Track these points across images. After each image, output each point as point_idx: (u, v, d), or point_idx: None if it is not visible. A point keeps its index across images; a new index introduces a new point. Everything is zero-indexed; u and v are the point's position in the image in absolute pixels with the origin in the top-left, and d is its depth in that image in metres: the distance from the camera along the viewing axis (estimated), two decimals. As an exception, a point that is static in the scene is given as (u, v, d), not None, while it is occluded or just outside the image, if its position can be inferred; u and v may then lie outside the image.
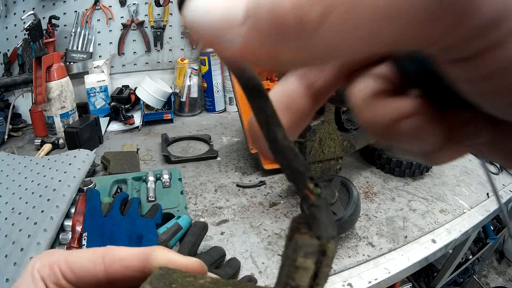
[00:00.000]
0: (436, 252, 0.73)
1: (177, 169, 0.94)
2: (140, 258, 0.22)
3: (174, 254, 0.22)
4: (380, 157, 0.98)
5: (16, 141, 1.20)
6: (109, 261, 0.22)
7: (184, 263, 0.22)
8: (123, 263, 0.22)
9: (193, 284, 0.19)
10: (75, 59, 1.30)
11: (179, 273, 0.20)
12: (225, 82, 1.43)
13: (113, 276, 0.22)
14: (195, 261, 0.22)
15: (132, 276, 0.22)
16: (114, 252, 0.22)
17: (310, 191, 0.15)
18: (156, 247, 0.23)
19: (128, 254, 0.22)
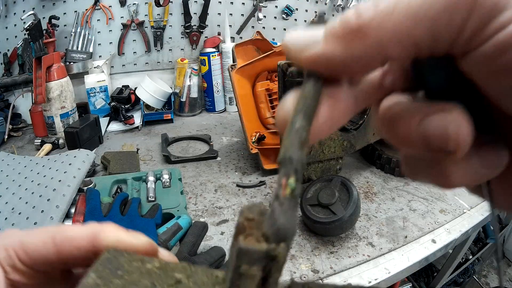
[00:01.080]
0: (436, 252, 0.73)
1: (177, 169, 0.94)
2: (89, 237, 0.21)
3: (123, 232, 0.22)
4: (380, 157, 0.98)
5: (16, 141, 1.20)
6: (60, 242, 0.21)
7: (132, 244, 0.21)
8: (73, 243, 0.21)
9: (140, 270, 0.19)
10: (75, 59, 1.30)
11: (126, 257, 0.19)
12: (225, 82, 1.44)
13: (65, 257, 0.21)
14: (144, 241, 0.22)
15: (84, 256, 0.21)
16: (65, 232, 0.21)
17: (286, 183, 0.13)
18: (106, 225, 0.22)
19: (78, 233, 0.21)
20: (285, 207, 0.13)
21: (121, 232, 0.22)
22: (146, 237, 0.22)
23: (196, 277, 0.19)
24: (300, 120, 0.14)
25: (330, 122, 0.16)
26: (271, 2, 1.48)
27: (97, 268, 0.18)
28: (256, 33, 1.13)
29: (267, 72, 1.07)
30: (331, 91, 0.16)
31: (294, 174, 0.14)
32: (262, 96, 1.04)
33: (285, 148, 0.14)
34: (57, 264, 0.21)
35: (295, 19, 1.53)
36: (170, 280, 0.18)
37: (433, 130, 0.14)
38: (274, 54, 1.02)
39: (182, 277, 0.18)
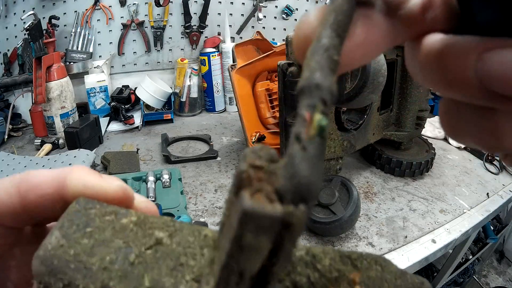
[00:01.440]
0: (436, 252, 0.73)
1: (177, 169, 0.94)
2: (55, 184, 0.18)
3: (92, 176, 0.18)
4: (380, 157, 0.98)
5: (16, 141, 1.20)
6: (25, 190, 0.18)
7: (102, 189, 0.18)
8: (38, 191, 0.18)
9: (113, 226, 0.16)
10: (75, 59, 1.30)
11: (98, 209, 0.16)
12: (225, 82, 1.44)
13: (31, 208, 0.18)
14: (116, 186, 0.18)
15: (52, 206, 0.18)
16: (30, 178, 0.18)
17: (311, 118, 0.10)
18: (73, 168, 0.19)
19: (43, 180, 0.18)
20: (309, 153, 0.10)
21: (89, 176, 0.18)
22: (119, 181, 0.19)
23: (180, 236, 0.16)
24: (329, 36, 0.11)
25: (365, 47, 0.13)
26: (271, 2, 1.48)
27: (62, 224, 0.15)
28: (256, 33, 1.13)
29: (267, 72, 1.07)
30: (365, 10, 0.13)
31: (321, 106, 0.10)
32: (262, 96, 1.04)
33: (310, 71, 0.11)
34: (25, 217, 0.18)
35: (295, 19, 1.53)
36: (148, 239, 0.15)
37: (496, 67, 0.11)
38: (274, 54, 1.02)
39: (164, 236, 0.15)
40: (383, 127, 0.96)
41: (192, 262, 0.15)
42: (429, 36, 0.14)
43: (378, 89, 0.71)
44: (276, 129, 1.02)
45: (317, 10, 0.14)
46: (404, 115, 0.96)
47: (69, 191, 0.18)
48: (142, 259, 0.15)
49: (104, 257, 0.14)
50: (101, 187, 0.18)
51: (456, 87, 0.13)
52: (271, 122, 1.04)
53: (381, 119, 0.94)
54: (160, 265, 0.14)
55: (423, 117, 0.96)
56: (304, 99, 0.10)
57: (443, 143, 1.18)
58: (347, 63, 0.13)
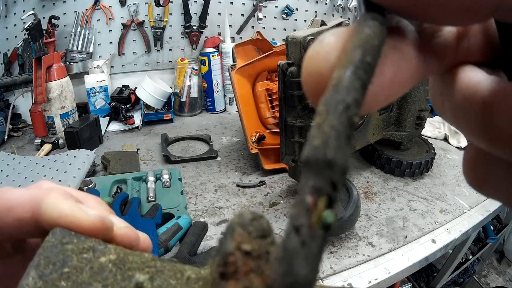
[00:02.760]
0: (436, 252, 0.73)
1: (177, 169, 0.94)
2: (31, 208, 0.17)
3: (67, 205, 0.17)
4: (380, 157, 0.98)
5: (16, 141, 1.20)
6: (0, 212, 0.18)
7: (77, 222, 0.17)
8: (13, 214, 0.17)
9: (91, 267, 0.15)
10: (75, 59, 1.30)
11: (75, 244, 0.15)
12: (225, 82, 1.44)
13: (6, 228, 0.18)
14: (94, 218, 0.17)
15: (28, 229, 0.18)
16: (4, 200, 0.18)
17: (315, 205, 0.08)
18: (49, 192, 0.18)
19: (18, 202, 0.18)
20: (309, 250, 0.08)
21: (65, 204, 0.17)
22: (96, 211, 0.18)
23: (162, 278, 0.15)
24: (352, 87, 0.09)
25: (392, 88, 0.11)
26: (271, 2, 1.48)
27: (39, 262, 0.15)
28: (256, 33, 1.13)
29: (267, 72, 1.07)
30: (395, 41, 0.11)
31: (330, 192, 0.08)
32: (262, 96, 1.04)
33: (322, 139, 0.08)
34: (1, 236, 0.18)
35: (295, 19, 1.53)
36: (128, 283, 0.15)
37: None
38: (274, 54, 1.02)
39: (144, 280, 0.15)
40: (383, 127, 0.96)
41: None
42: (468, 72, 0.12)
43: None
44: (276, 129, 1.02)
45: (336, 34, 0.11)
46: (404, 115, 0.96)
47: (44, 219, 0.17)
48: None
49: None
50: (76, 218, 0.17)
51: (499, 144, 0.10)
52: (271, 122, 1.04)
53: (381, 119, 0.94)
54: None
55: (423, 117, 0.96)
56: (310, 178, 0.08)
57: (443, 143, 1.18)
58: (368, 108, 0.11)
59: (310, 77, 0.11)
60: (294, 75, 0.71)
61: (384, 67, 0.11)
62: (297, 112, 0.76)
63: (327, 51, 0.11)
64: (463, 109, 0.11)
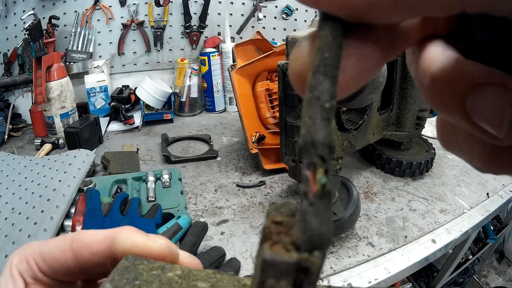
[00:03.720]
0: (436, 252, 0.73)
1: (177, 169, 0.94)
2: (106, 242, 0.20)
3: (139, 236, 0.20)
4: (380, 157, 0.98)
5: (16, 141, 1.20)
6: (77, 248, 0.20)
7: (149, 248, 0.20)
8: (90, 249, 0.20)
9: (160, 279, 0.17)
10: (75, 59, 1.30)
11: (145, 264, 0.18)
12: (225, 82, 1.44)
13: (82, 263, 0.20)
14: (162, 245, 0.20)
15: (102, 262, 0.20)
16: (81, 237, 0.20)
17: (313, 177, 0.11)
18: (122, 229, 0.21)
19: (94, 239, 0.20)
20: (317, 208, 0.11)
21: (137, 235, 0.20)
22: (164, 240, 0.21)
23: (221, 286, 0.17)
24: (319, 82, 0.11)
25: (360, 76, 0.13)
26: (271, 2, 1.48)
27: (113, 277, 0.17)
28: (256, 33, 1.13)
29: (267, 72, 1.07)
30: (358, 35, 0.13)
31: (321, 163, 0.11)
32: (262, 96, 1.04)
33: (305, 127, 0.11)
34: (77, 272, 0.20)
35: (295, 19, 1.53)
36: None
37: (481, 106, 0.11)
38: (274, 54, 1.02)
39: (206, 287, 0.17)
40: (383, 127, 0.96)
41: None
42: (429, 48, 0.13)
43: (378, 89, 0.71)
44: (276, 129, 1.02)
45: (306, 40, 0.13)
46: (404, 115, 0.96)
47: (119, 249, 0.19)
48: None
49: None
50: (148, 245, 0.20)
51: (446, 111, 0.12)
52: (271, 122, 1.04)
53: (381, 119, 0.94)
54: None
55: (423, 117, 0.95)
56: (304, 158, 0.11)
57: (443, 143, 1.18)
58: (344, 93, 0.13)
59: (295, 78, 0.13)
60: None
61: (349, 59, 0.12)
62: (297, 112, 0.76)
63: (303, 55, 0.13)
64: (420, 80, 0.13)
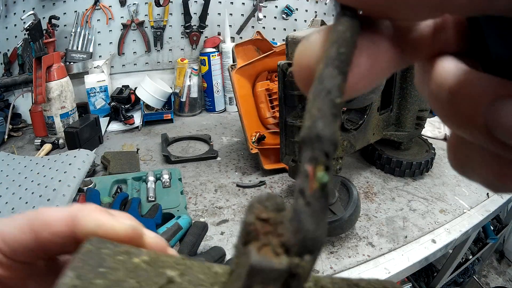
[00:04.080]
0: (436, 252, 0.73)
1: (177, 169, 0.94)
2: (67, 222, 0.19)
3: (102, 215, 0.19)
4: (380, 157, 0.98)
5: (16, 141, 1.20)
6: (38, 228, 0.19)
7: (113, 229, 0.18)
8: (50, 229, 0.19)
9: (126, 266, 0.16)
10: (75, 59, 1.30)
11: (110, 249, 0.17)
12: (225, 82, 1.44)
13: (43, 244, 0.19)
14: (127, 226, 0.19)
15: (64, 243, 0.19)
16: (42, 217, 0.19)
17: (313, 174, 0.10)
18: (84, 207, 0.19)
19: (55, 218, 0.19)
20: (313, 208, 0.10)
21: (101, 215, 0.19)
22: (129, 220, 0.19)
23: (191, 274, 0.16)
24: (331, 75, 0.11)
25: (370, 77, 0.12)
26: (271, 2, 1.48)
27: (76, 264, 0.16)
28: (256, 33, 1.13)
29: (267, 72, 1.07)
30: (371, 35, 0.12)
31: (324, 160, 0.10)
32: (262, 96, 1.04)
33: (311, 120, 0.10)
34: (38, 252, 0.19)
35: (295, 19, 1.53)
36: (160, 279, 0.16)
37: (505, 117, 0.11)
38: (274, 54, 1.02)
39: (175, 275, 0.16)
40: (383, 127, 0.96)
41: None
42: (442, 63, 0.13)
43: (378, 88, 0.71)
44: (276, 129, 1.02)
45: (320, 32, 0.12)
46: (404, 115, 0.96)
47: (81, 230, 0.18)
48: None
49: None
50: (112, 226, 0.18)
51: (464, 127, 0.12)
52: (271, 122, 1.04)
53: (381, 119, 0.94)
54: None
55: (423, 117, 0.95)
56: (306, 151, 0.10)
57: (443, 143, 1.18)
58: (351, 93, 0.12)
59: (300, 70, 0.13)
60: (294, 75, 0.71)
61: (360, 58, 0.12)
62: (297, 112, 0.76)
63: (313, 47, 0.12)
64: (435, 96, 0.13)
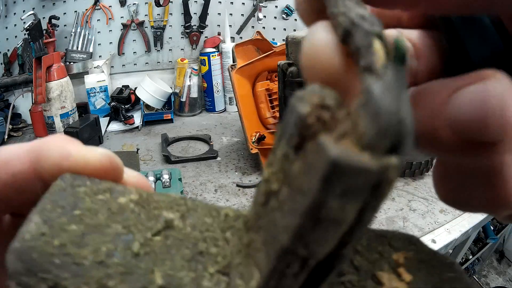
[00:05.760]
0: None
1: (177, 169, 0.94)
2: (30, 158, 0.14)
3: (71, 145, 0.14)
4: (380, 157, 0.98)
5: (16, 141, 1.20)
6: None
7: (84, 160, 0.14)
8: (9, 168, 0.14)
9: (109, 208, 0.12)
10: (75, 59, 1.30)
11: (88, 186, 0.13)
12: (225, 82, 1.43)
13: (2, 190, 0.14)
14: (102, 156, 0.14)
15: (28, 187, 0.14)
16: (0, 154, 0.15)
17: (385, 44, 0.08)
18: (50, 138, 0.15)
19: (14, 155, 0.14)
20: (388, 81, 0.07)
21: (69, 144, 0.14)
22: (104, 150, 0.15)
23: (194, 217, 0.13)
24: None
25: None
26: (271, 2, 1.48)
27: (44, 206, 0.12)
28: (256, 33, 1.13)
29: (267, 72, 1.07)
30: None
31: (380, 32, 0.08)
32: (262, 96, 1.04)
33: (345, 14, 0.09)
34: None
35: (295, 19, 1.53)
36: (155, 222, 0.12)
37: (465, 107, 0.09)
38: (274, 54, 1.02)
39: (175, 218, 0.12)
40: (383, 127, 0.96)
41: (214, 249, 0.12)
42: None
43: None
44: (276, 129, 1.02)
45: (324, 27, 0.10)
46: (404, 115, 0.96)
47: (45, 165, 0.14)
48: (149, 249, 0.11)
49: (98, 247, 0.11)
50: (83, 155, 0.14)
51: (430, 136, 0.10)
52: (271, 122, 1.04)
53: (381, 119, 0.94)
54: (173, 255, 0.11)
55: (423, 117, 0.95)
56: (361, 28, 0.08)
57: (443, 143, 1.18)
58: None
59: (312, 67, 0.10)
60: (294, 75, 0.71)
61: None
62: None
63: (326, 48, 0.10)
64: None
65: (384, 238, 0.14)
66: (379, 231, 0.15)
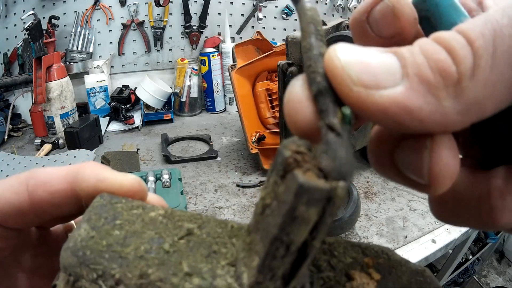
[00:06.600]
0: (436, 252, 0.73)
1: (177, 169, 0.94)
2: (67, 179, 0.17)
3: (106, 171, 0.17)
4: (380, 157, 0.98)
5: (16, 141, 1.20)
6: (33, 187, 0.17)
7: (118, 183, 0.17)
8: (48, 187, 0.17)
9: (142, 219, 0.16)
10: (75, 59, 1.30)
11: (124, 203, 0.16)
12: (225, 82, 1.43)
13: (39, 205, 0.17)
14: (133, 180, 0.18)
15: (63, 203, 0.17)
16: (38, 175, 0.17)
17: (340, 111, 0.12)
18: (86, 164, 0.18)
19: (54, 176, 0.17)
20: (343, 139, 0.11)
21: (104, 170, 0.17)
22: (134, 175, 0.18)
23: (208, 227, 0.16)
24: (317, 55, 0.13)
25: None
26: (271, 2, 1.48)
27: (89, 217, 0.15)
28: (256, 33, 1.13)
29: (267, 72, 1.07)
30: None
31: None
32: (262, 96, 1.04)
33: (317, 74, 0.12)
34: (31, 216, 0.17)
35: (295, 19, 1.53)
36: (179, 230, 0.16)
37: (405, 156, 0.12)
38: (274, 54, 1.02)
39: (194, 227, 0.16)
40: (383, 127, 0.96)
41: (224, 249, 0.15)
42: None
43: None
44: (276, 129, 1.02)
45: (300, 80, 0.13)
46: (404, 115, 0.96)
47: (82, 186, 0.17)
48: (177, 248, 0.15)
49: (138, 247, 0.14)
50: (116, 180, 0.17)
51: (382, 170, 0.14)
52: (271, 122, 1.04)
53: (381, 119, 0.94)
54: (194, 253, 0.15)
55: (423, 117, 0.95)
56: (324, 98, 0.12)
57: (443, 143, 1.18)
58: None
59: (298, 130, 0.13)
60: (294, 75, 0.71)
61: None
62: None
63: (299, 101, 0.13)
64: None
65: (358, 248, 0.17)
66: (356, 243, 0.18)
